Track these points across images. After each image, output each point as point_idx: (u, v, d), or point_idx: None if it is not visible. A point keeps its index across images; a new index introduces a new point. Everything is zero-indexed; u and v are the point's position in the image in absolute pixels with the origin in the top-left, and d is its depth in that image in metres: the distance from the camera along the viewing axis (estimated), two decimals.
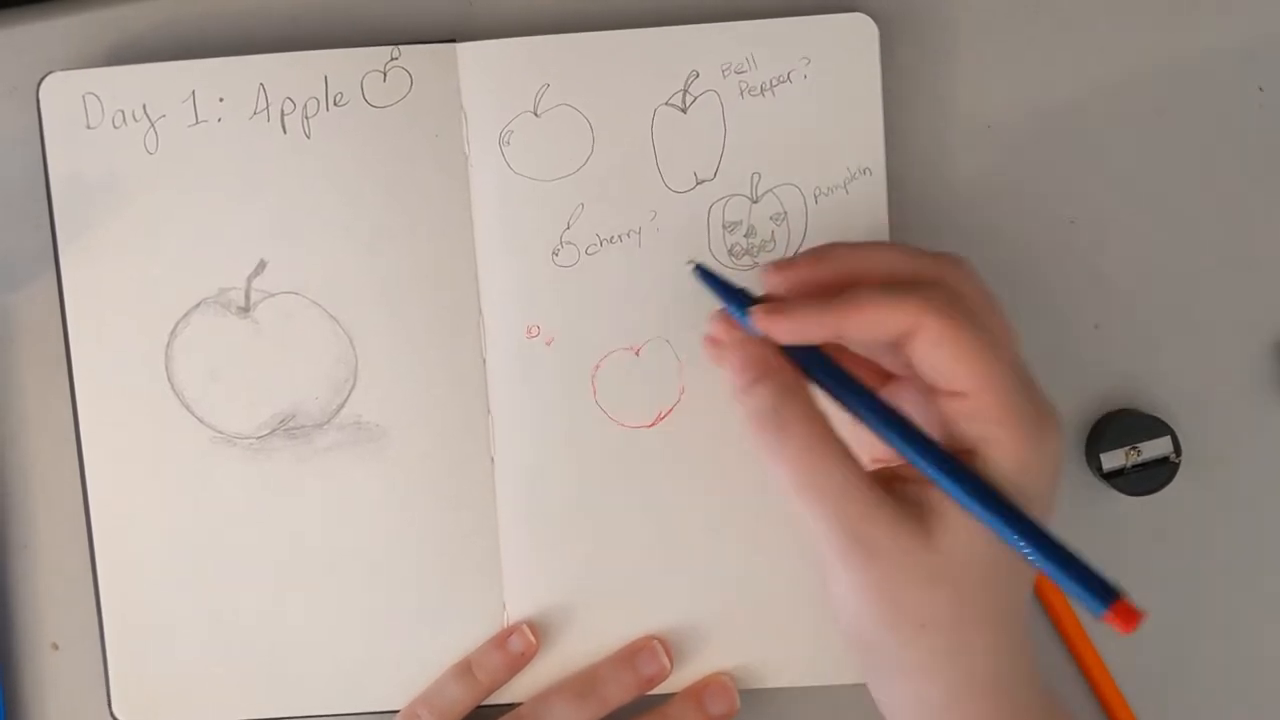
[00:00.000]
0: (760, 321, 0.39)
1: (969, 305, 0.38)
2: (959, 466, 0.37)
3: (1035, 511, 0.37)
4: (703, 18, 0.46)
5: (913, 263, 0.39)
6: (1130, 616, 0.35)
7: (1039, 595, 0.48)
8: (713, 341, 0.41)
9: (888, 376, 0.42)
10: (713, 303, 0.42)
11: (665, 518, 0.47)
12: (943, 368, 0.37)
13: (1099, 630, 0.48)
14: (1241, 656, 0.49)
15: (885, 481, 0.39)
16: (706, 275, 0.41)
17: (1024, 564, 0.37)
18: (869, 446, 0.39)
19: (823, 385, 0.39)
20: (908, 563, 0.37)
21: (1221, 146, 0.48)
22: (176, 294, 0.47)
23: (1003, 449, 0.37)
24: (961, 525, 0.37)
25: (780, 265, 0.39)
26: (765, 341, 0.39)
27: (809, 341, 0.38)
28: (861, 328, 0.37)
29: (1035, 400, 0.38)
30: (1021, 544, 0.36)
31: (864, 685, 0.42)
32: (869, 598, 0.38)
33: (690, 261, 0.44)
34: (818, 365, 0.38)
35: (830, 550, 0.38)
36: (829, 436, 0.38)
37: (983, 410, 0.37)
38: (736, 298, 0.40)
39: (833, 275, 0.39)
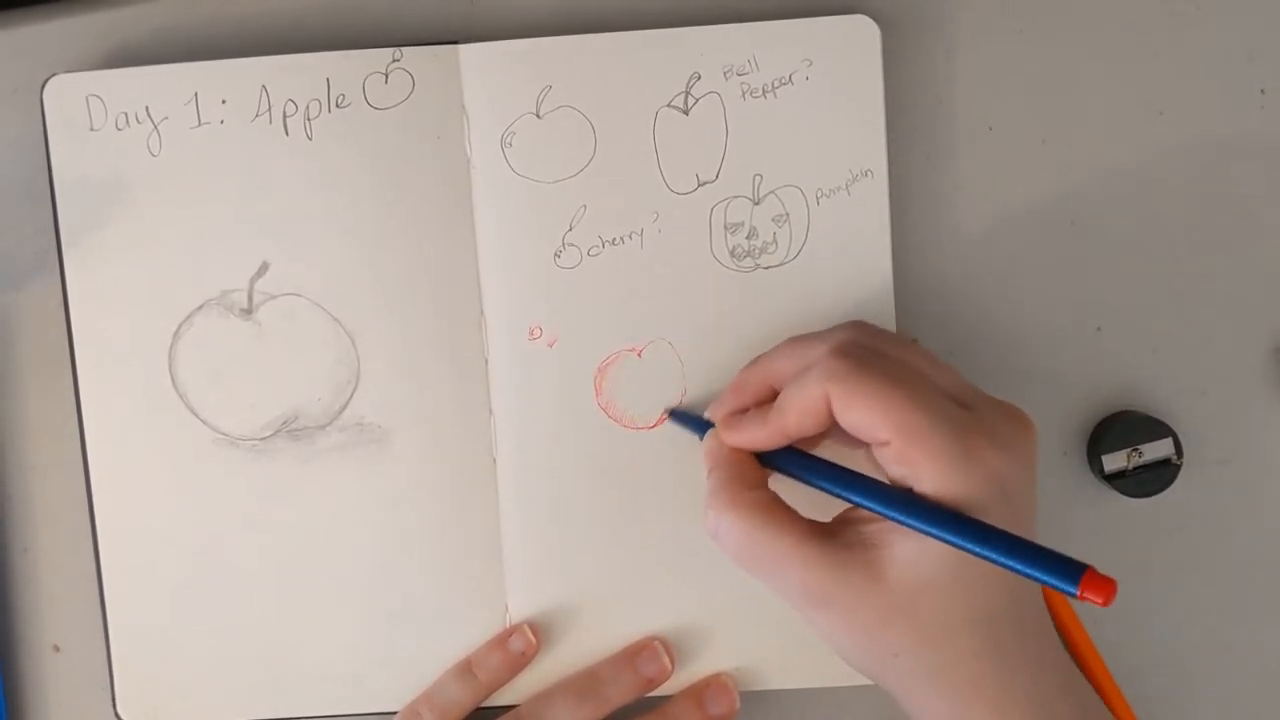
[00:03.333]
0: (724, 437, 0.43)
1: (867, 358, 0.40)
2: (889, 490, 0.39)
3: (991, 520, 0.37)
4: (704, 19, 0.46)
5: (809, 349, 0.41)
6: (1103, 586, 0.35)
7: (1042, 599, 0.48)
8: (704, 455, 0.44)
9: None
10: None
11: (667, 519, 0.47)
12: (860, 425, 0.39)
13: (1100, 630, 0.48)
14: (1243, 657, 0.49)
15: (838, 528, 0.40)
16: (676, 414, 0.47)
17: (992, 572, 0.37)
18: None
19: (779, 469, 0.42)
20: (862, 605, 0.39)
21: (1223, 149, 0.48)
22: (179, 295, 0.47)
23: (926, 481, 0.38)
24: (905, 554, 0.38)
25: (715, 406, 0.44)
26: (721, 443, 0.43)
27: (770, 447, 0.42)
28: (798, 424, 0.40)
29: (956, 426, 0.38)
30: (962, 542, 0.37)
31: (865, 687, 0.43)
32: (840, 641, 0.40)
33: (665, 410, 0.47)
34: (775, 455, 0.42)
35: (794, 607, 0.40)
36: (766, 509, 0.40)
37: (901, 452, 0.38)
38: (704, 425, 0.44)
39: (762, 389, 0.43)
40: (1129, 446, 0.47)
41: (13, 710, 0.49)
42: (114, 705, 0.48)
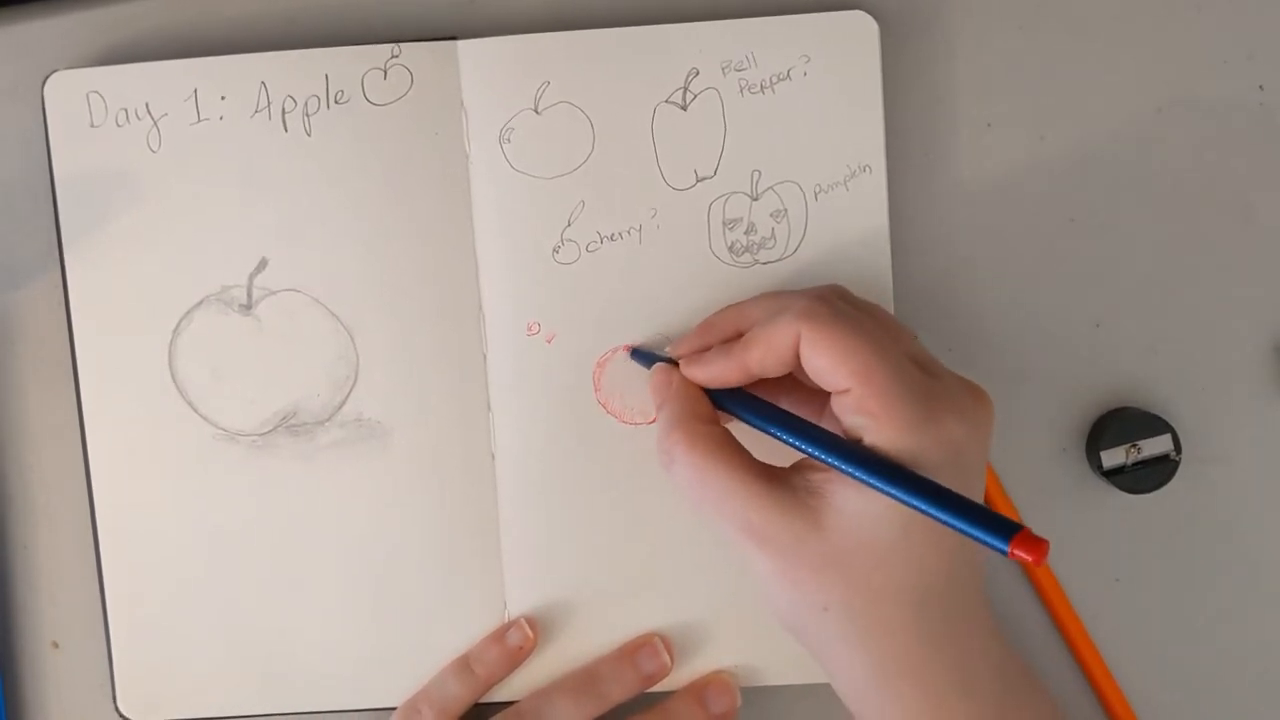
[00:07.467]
0: (685, 371, 0.43)
1: (842, 312, 0.40)
2: (839, 441, 0.39)
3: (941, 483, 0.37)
4: (703, 15, 0.47)
5: (787, 297, 0.42)
6: (1035, 546, 0.35)
7: (1040, 596, 0.48)
8: (652, 389, 0.45)
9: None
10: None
11: (667, 514, 0.47)
12: (823, 369, 0.39)
13: (1097, 626, 0.48)
14: (1241, 654, 0.49)
15: (788, 474, 0.40)
16: (638, 353, 0.47)
17: (934, 541, 0.38)
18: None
19: (730, 410, 0.43)
20: (799, 549, 0.39)
21: (1222, 145, 0.48)
22: (179, 291, 0.47)
23: (879, 433, 0.38)
24: (848, 506, 0.38)
25: (678, 344, 0.45)
26: (672, 374, 0.44)
27: (729, 383, 0.42)
28: (761, 359, 0.41)
29: (918, 388, 0.39)
30: (904, 495, 0.37)
31: None
32: (771, 584, 0.40)
33: (626, 348, 0.47)
34: (726, 396, 0.43)
35: (731, 543, 0.40)
36: (720, 445, 0.41)
37: (859, 401, 0.38)
38: (665, 360, 0.45)
39: (730, 332, 0.43)
40: (1128, 442, 0.47)
41: (11, 707, 0.49)
42: (114, 701, 0.48)
